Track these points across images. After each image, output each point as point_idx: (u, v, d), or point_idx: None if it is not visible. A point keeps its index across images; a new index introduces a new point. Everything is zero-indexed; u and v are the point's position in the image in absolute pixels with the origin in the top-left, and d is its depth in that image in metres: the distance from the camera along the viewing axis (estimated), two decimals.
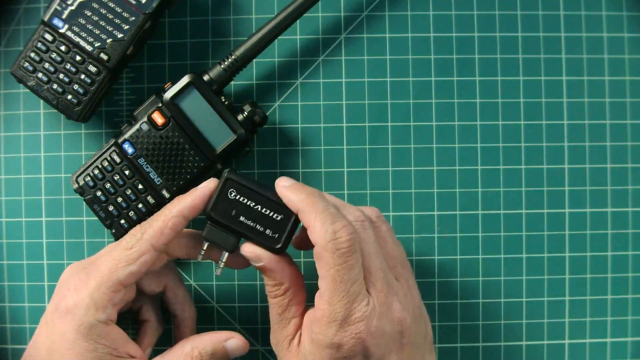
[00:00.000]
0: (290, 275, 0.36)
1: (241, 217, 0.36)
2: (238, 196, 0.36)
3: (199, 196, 0.36)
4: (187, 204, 0.35)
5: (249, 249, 0.36)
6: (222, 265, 0.37)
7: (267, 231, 0.36)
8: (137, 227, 0.36)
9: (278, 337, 0.36)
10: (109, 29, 0.39)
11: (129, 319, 0.43)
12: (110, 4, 0.39)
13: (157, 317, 0.40)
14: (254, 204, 0.36)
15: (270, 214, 0.36)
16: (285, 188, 0.35)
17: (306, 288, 0.37)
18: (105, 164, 0.40)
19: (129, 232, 0.36)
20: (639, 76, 0.44)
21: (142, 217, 0.40)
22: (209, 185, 0.36)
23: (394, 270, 0.35)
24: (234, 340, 0.37)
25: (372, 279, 0.33)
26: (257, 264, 0.36)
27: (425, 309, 0.37)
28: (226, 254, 0.37)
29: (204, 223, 0.36)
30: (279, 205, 0.35)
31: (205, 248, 0.37)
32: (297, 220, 0.35)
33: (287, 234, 0.36)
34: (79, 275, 0.35)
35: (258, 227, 0.36)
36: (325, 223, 0.33)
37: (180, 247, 0.38)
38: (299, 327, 0.35)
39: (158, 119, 0.39)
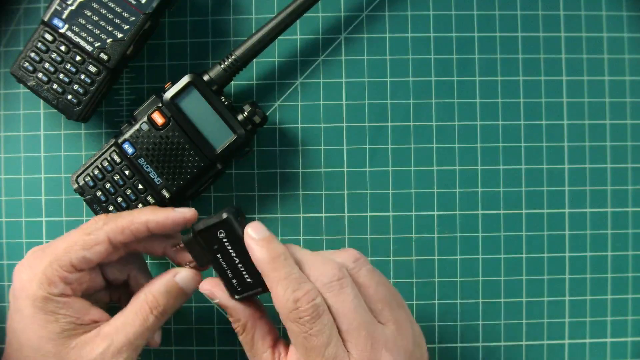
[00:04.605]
0: (246, 309, 0.35)
1: (219, 255, 0.35)
2: (225, 240, 0.35)
3: (170, 218, 0.36)
4: (156, 219, 0.36)
5: (206, 287, 0.36)
6: (188, 266, 0.37)
7: (234, 281, 0.35)
8: (103, 215, 0.36)
9: None
10: (109, 29, 0.39)
11: None
12: (110, 4, 0.39)
13: None
14: (235, 254, 0.35)
15: (244, 273, 0.35)
16: (253, 241, 0.34)
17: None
18: (105, 164, 0.40)
19: (94, 217, 0.36)
20: (639, 76, 0.44)
21: None
22: (184, 214, 0.36)
23: (381, 315, 0.34)
24: (182, 274, 0.36)
25: (352, 339, 0.32)
26: (213, 301, 0.36)
27: (422, 334, 0.36)
28: (193, 264, 0.37)
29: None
30: (255, 270, 0.34)
31: (178, 247, 0.37)
32: (263, 292, 0.35)
33: (248, 295, 0.35)
34: (35, 253, 0.35)
35: (229, 272, 0.35)
36: (286, 291, 0.32)
37: (157, 245, 0.38)
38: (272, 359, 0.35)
39: (158, 119, 0.39)
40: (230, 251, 0.35)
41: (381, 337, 0.33)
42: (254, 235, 0.34)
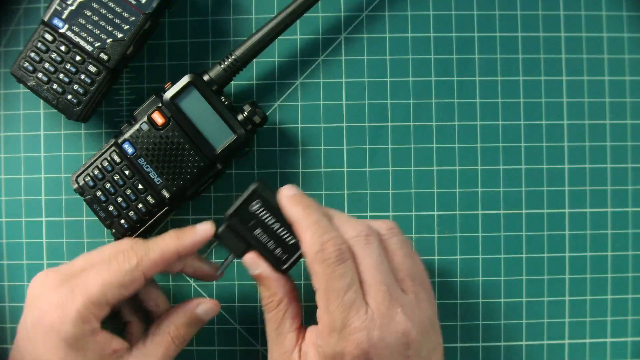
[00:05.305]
0: (285, 286, 0.36)
1: (257, 230, 0.37)
2: (260, 210, 0.36)
3: (198, 240, 0.37)
4: (186, 246, 0.36)
5: (250, 255, 0.37)
6: (224, 267, 0.38)
7: (277, 250, 0.37)
8: (132, 252, 0.36)
9: (275, 353, 0.36)
10: (109, 29, 0.39)
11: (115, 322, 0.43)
12: (110, 4, 0.39)
13: (139, 316, 0.40)
14: (272, 222, 0.36)
15: (285, 237, 0.36)
16: (286, 198, 0.36)
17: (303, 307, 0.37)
18: (105, 164, 0.40)
19: (122, 251, 0.36)
20: (639, 76, 0.44)
21: (142, 217, 0.40)
22: (205, 231, 0.37)
23: (403, 283, 0.35)
24: (203, 306, 0.38)
25: (371, 292, 0.33)
26: (255, 272, 0.37)
27: (439, 324, 0.36)
28: (230, 258, 0.38)
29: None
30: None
31: (214, 245, 0.38)
32: None
33: (294, 259, 0.37)
34: (61, 290, 0.35)
35: (270, 244, 0.37)
36: (314, 235, 0.34)
37: (175, 267, 0.38)
38: (297, 341, 0.35)
39: (158, 119, 0.39)
40: (268, 218, 0.36)
41: (399, 298, 0.34)
42: (288, 192, 0.36)
